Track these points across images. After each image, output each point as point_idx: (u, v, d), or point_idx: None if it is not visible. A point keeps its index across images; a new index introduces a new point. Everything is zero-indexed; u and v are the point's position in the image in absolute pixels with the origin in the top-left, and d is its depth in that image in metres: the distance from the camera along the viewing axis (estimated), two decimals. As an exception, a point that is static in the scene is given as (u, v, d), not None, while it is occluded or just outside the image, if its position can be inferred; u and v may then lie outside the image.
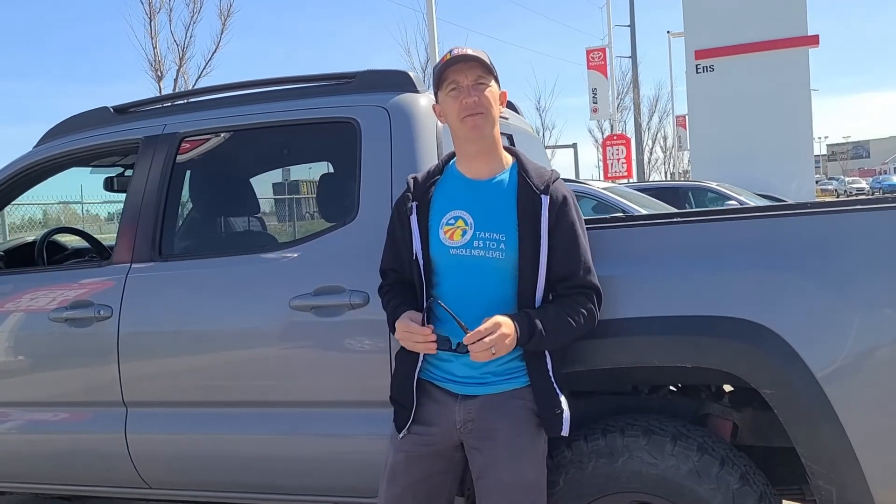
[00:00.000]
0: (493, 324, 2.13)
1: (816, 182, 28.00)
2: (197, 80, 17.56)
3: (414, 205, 2.34)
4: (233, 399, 2.86)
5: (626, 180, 22.53)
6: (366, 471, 2.62)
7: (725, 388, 2.78)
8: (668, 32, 36.17)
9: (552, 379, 2.27)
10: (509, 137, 3.31)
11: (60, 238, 4.44)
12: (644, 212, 7.48)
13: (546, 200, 2.25)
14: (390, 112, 2.79)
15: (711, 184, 12.78)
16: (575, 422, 2.33)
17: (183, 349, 2.91)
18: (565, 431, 2.26)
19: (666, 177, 44.50)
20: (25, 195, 3.87)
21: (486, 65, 2.27)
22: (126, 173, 4.22)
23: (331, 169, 3.53)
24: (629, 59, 34.27)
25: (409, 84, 2.87)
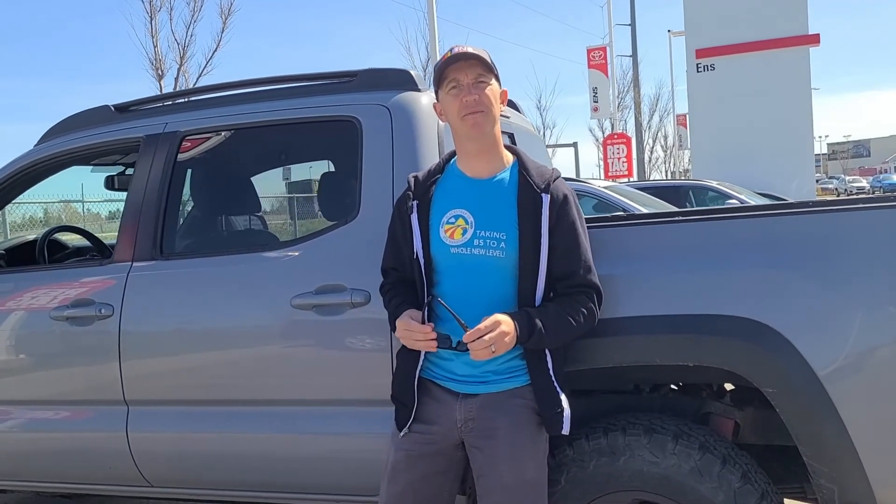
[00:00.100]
0: (492, 322, 2.12)
1: (817, 181, 27.96)
2: (198, 79, 17.61)
3: (414, 203, 2.34)
4: (234, 397, 2.86)
5: (626, 179, 22.52)
6: (367, 469, 2.62)
7: (726, 386, 2.78)
8: (669, 31, 36.14)
9: (553, 377, 2.27)
10: (511, 136, 3.31)
11: (61, 237, 4.44)
12: (645, 211, 7.48)
13: (547, 199, 2.25)
14: (392, 111, 2.78)
15: (712, 183, 12.78)
16: (576, 420, 2.32)
17: (184, 348, 2.91)
18: (566, 430, 2.26)
19: (666, 176, 44.51)
20: (26, 193, 3.87)
21: (487, 63, 2.26)
22: (127, 172, 4.22)
23: (332, 167, 3.53)
24: (630, 57, 34.32)
25: (411, 83, 2.87)
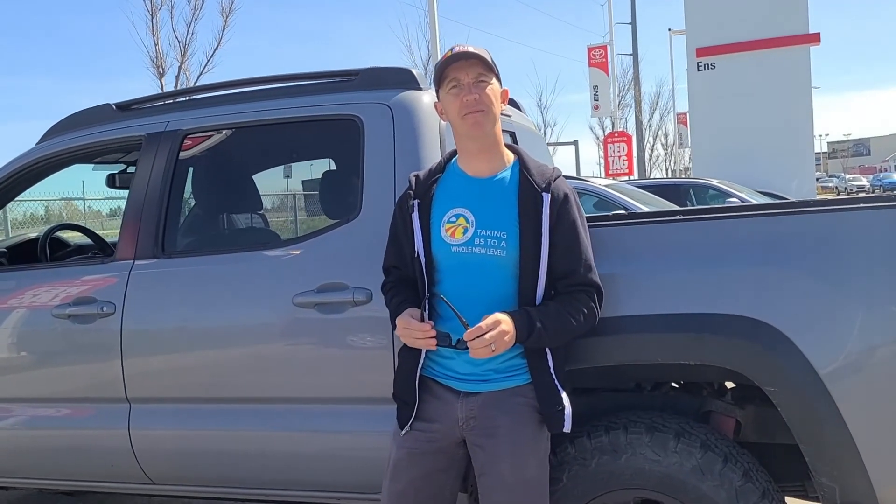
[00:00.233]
0: (493, 321, 2.13)
1: (817, 179, 27.95)
2: (199, 77, 17.59)
3: (415, 203, 2.34)
4: (236, 395, 2.86)
5: (627, 177, 22.52)
6: (369, 467, 2.62)
7: (727, 385, 2.78)
8: (670, 30, 36.16)
9: (553, 376, 2.27)
10: (512, 135, 3.31)
11: (63, 234, 4.45)
12: (645, 209, 7.48)
13: (547, 198, 2.25)
14: (393, 109, 2.79)
15: (712, 181, 12.76)
16: (578, 418, 2.33)
17: (186, 346, 2.91)
18: (567, 428, 2.27)
19: (667, 174, 44.45)
20: (27, 191, 3.87)
21: (487, 62, 2.26)
22: (128, 170, 4.22)
23: (334, 166, 3.53)
24: (630, 56, 34.30)
25: (412, 81, 2.87)
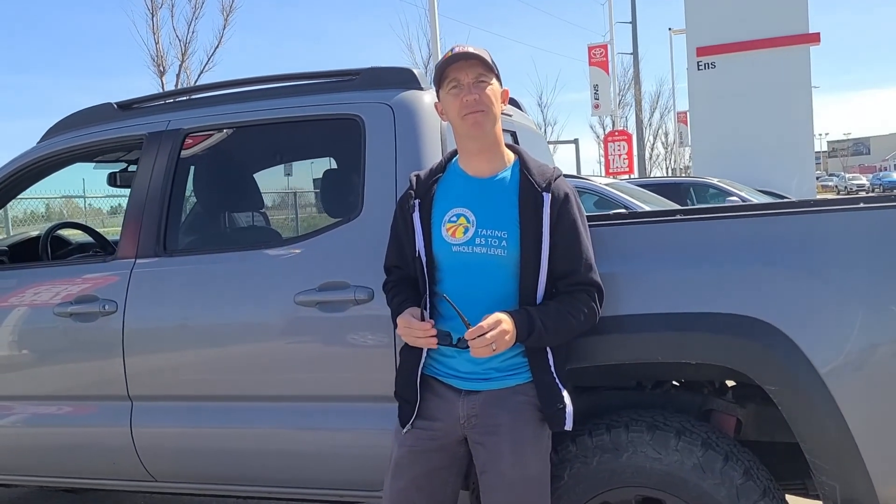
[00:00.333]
0: (494, 320, 2.13)
1: (817, 178, 27.94)
2: (199, 76, 17.57)
3: (416, 202, 2.35)
4: (237, 393, 2.87)
5: (627, 176, 22.52)
6: (370, 465, 2.63)
7: (728, 383, 2.78)
8: (670, 29, 36.16)
9: (554, 374, 2.28)
10: (513, 134, 3.32)
11: (64, 233, 4.45)
12: (646, 208, 7.48)
13: (548, 198, 2.26)
14: (394, 109, 2.79)
15: (713, 180, 12.76)
16: (579, 417, 2.34)
17: (188, 344, 2.92)
18: (568, 426, 2.27)
19: (667, 173, 44.48)
20: (28, 189, 3.88)
21: (487, 63, 2.26)
22: (129, 169, 4.23)
23: (335, 165, 3.54)
24: (630, 55, 34.29)
25: (413, 81, 2.88)
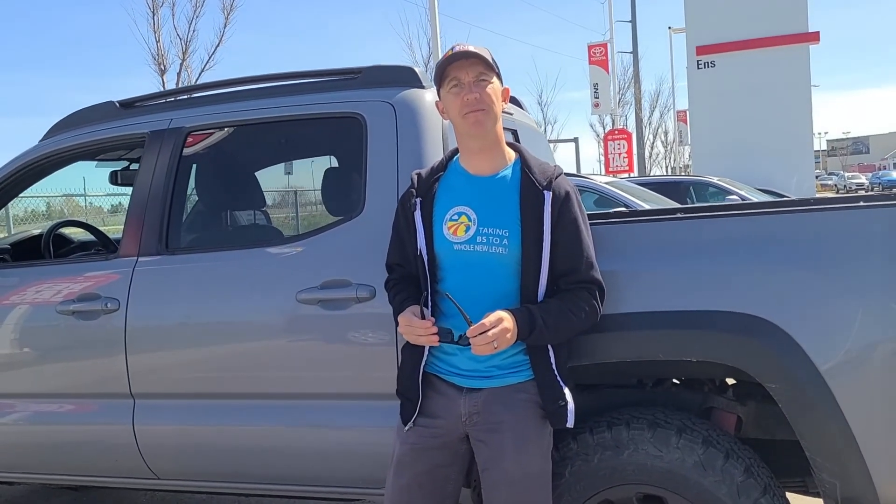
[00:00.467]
0: (495, 318, 2.14)
1: (816, 177, 27.97)
2: (200, 75, 17.60)
3: (418, 201, 2.35)
4: (239, 391, 2.88)
5: (627, 175, 22.51)
6: (372, 462, 2.64)
7: (728, 381, 2.79)
8: (670, 28, 36.19)
9: (556, 372, 2.28)
10: (514, 133, 3.32)
11: (66, 231, 4.46)
12: (646, 206, 7.48)
13: (549, 196, 2.26)
14: (396, 107, 2.80)
15: (712, 179, 12.76)
16: (580, 414, 2.34)
17: (190, 342, 2.93)
18: (570, 423, 2.28)
19: (667, 172, 44.48)
20: (28, 188, 3.89)
21: (488, 61, 2.27)
22: (131, 167, 4.24)
23: (337, 164, 3.54)
24: (630, 54, 34.30)
25: (415, 80, 2.88)
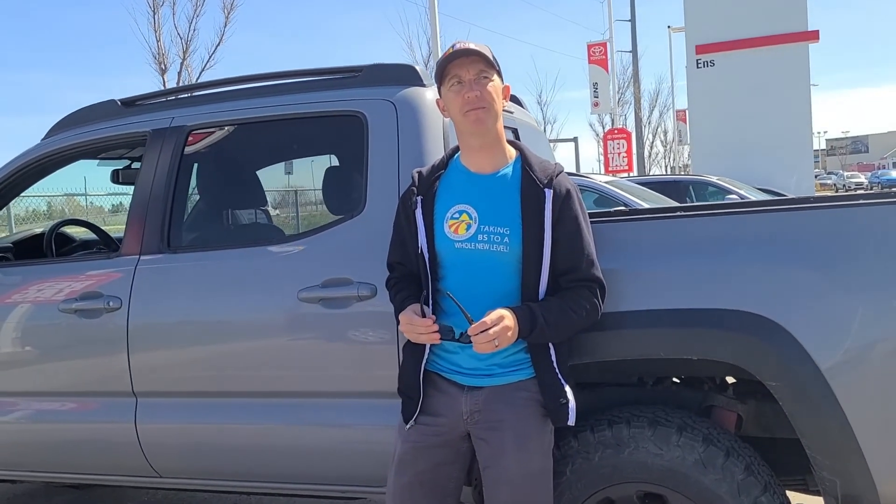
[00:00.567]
0: (496, 316, 2.14)
1: (815, 176, 27.96)
2: (200, 74, 17.61)
3: (418, 199, 2.35)
4: (241, 389, 2.88)
5: (626, 174, 22.50)
6: (374, 461, 2.65)
7: (728, 379, 2.80)
8: (669, 27, 36.15)
9: (557, 370, 2.29)
10: (514, 131, 3.33)
11: (68, 230, 4.46)
12: (646, 205, 7.48)
13: (549, 194, 2.26)
14: (397, 106, 2.80)
15: (712, 178, 12.74)
16: (581, 413, 2.35)
17: (192, 340, 2.93)
18: (571, 421, 2.28)
19: (666, 171, 44.48)
20: (30, 187, 3.89)
21: (489, 59, 2.27)
22: (133, 166, 4.24)
23: (338, 162, 3.55)
24: (630, 53, 34.31)
25: (416, 78, 2.89)
